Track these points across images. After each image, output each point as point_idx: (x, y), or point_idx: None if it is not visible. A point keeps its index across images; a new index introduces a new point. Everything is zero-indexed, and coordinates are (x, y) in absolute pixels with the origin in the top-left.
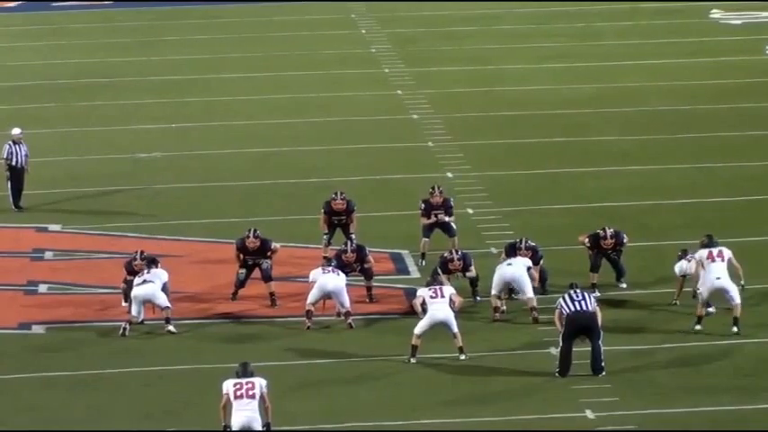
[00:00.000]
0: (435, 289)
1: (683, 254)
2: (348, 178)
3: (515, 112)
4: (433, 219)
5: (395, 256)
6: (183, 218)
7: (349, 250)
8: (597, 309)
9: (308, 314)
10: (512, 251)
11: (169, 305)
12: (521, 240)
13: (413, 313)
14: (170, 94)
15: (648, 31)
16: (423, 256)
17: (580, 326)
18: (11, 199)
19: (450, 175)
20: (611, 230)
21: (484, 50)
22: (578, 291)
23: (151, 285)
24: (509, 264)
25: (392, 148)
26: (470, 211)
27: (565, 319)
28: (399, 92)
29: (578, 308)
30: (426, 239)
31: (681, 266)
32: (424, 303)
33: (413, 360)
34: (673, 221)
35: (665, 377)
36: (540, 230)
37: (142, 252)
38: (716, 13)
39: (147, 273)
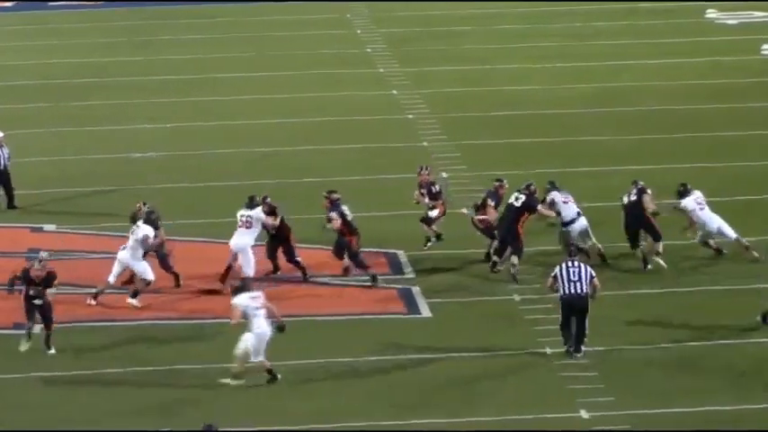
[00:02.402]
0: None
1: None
2: (343, 178)
3: (511, 111)
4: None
5: (390, 256)
6: (178, 218)
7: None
8: (594, 281)
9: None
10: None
11: (152, 278)
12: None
13: (408, 313)
14: (165, 93)
15: (644, 31)
16: (438, 237)
17: (574, 308)
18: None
19: (445, 174)
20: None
21: (480, 50)
22: (575, 263)
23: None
24: (571, 220)
25: (388, 147)
26: (465, 211)
27: (560, 299)
28: (395, 92)
29: (573, 291)
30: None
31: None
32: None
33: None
34: (669, 221)
35: (660, 377)
36: (536, 230)
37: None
38: (711, 13)
39: (137, 229)
